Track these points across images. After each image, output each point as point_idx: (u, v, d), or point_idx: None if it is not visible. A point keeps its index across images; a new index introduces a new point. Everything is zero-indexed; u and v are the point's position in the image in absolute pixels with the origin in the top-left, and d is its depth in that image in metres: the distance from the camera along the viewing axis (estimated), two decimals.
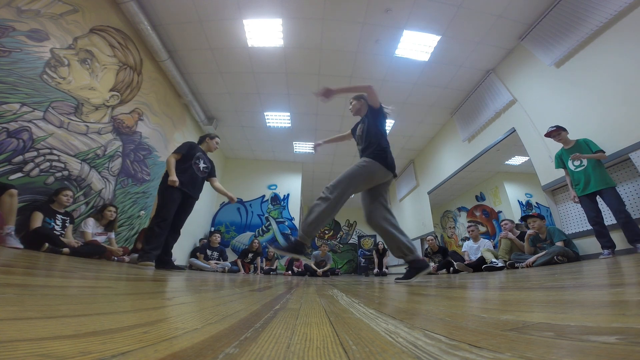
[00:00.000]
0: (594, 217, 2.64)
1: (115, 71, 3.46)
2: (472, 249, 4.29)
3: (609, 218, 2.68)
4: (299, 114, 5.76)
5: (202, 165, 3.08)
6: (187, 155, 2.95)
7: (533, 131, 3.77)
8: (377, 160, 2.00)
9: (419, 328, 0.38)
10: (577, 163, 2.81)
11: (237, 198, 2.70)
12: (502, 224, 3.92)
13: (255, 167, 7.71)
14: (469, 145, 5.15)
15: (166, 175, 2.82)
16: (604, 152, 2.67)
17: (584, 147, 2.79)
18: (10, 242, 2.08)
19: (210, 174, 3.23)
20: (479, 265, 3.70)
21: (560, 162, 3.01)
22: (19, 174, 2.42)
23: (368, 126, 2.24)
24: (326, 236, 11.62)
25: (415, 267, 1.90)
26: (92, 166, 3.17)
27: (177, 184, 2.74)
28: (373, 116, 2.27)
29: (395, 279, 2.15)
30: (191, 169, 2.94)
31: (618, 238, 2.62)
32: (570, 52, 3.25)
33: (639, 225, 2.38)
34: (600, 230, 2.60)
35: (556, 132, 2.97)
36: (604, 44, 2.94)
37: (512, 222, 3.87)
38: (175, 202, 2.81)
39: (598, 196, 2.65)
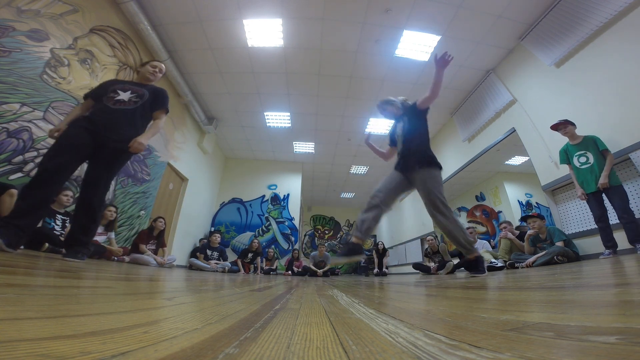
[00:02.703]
0: (599, 215, 2.59)
1: (116, 71, 3.46)
2: None
3: (613, 217, 2.66)
4: (299, 114, 5.76)
5: (122, 96, 2.03)
6: (97, 95, 2.04)
7: (533, 131, 3.77)
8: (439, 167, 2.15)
9: (419, 328, 0.38)
10: (582, 160, 2.73)
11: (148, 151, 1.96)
12: (500, 226, 3.92)
13: (255, 167, 7.71)
14: (469, 145, 5.15)
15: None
16: (609, 151, 2.60)
17: (591, 144, 2.71)
18: None
19: (152, 106, 2.13)
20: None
21: (565, 157, 2.91)
22: (19, 174, 2.42)
23: (411, 126, 2.32)
24: (326, 236, 11.62)
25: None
26: None
27: (54, 132, 1.83)
28: (417, 115, 2.37)
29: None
30: (102, 104, 1.98)
31: (619, 238, 2.61)
32: (570, 52, 3.25)
33: None
34: (604, 229, 2.56)
35: (563, 125, 2.87)
36: (604, 44, 2.94)
37: (510, 224, 3.88)
38: (71, 145, 1.78)
39: (604, 194, 2.59)
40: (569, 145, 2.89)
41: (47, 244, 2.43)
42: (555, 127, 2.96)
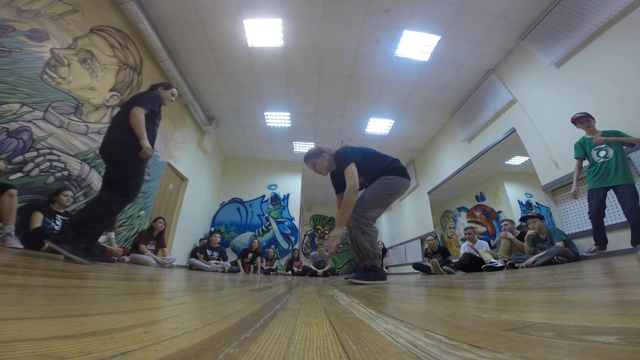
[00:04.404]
0: (596, 211, 2.55)
1: (115, 71, 3.46)
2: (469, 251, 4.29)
3: (611, 217, 2.65)
4: (299, 114, 5.76)
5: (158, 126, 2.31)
6: (154, 113, 2.16)
7: (533, 131, 3.77)
8: (398, 174, 2.01)
9: (419, 328, 0.38)
10: (602, 154, 2.63)
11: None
12: (501, 224, 3.92)
13: (255, 167, 7.71)
14: (469, 145, 5.15)
15: (127, 135, 1.97)
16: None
17: (611, 136, 2.62)
18: (10, 242, 2.08)
19: None
20: (475, 266, 3.71)
21: (582, 150, 2.80)
22: (19, 174, 2.42)
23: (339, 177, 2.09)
24: (326, 236, 11.62)
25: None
26: (92, 166, 3.17)
27: (151, 153, 2.02)
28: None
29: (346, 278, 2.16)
30: (153, 133, 2.16)
31: (620, 237, 2.61)
32: (570, 52, 3.25)
33: None
34: (596, 225, 2.55)
35: (585, 118, 2.77)
36: (604, 44, 2.94)
37: (511, 222, 3.87)
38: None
39: (611, 191, 2.54)
40: (586, 138, 2.79)
41: (47, 244, 2.42)
42: (575, 120, 2.84)
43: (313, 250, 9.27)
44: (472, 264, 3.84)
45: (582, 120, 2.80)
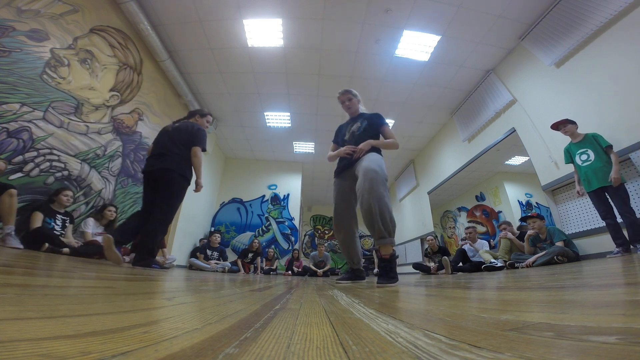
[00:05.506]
0: (604, 211, 2.56)
1: (115, 71, 3.46)
2: (469, 251, 4.29)
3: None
4: (299, 114, 5.76)
5: None
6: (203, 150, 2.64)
7: (533, 131, 3.77)
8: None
9: (419, 328, 0.38)
10: (584, 158, 2.70)
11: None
12: (500, 227, 3.93)
13: (255, 167, 7.71)
14: (469, 145, 5.16)
15: (188, 169, 2.48)
16: (612, 148, 2.57)
17: (592, 141, 2.68)
18: (10, 242, 2.08)
19: None
20: (477, 267, 3.71)
21: (569, 156, 2.89)
22: (19, 174, 2.42)
23: (370, 126, 2.22)
24: (326, 236, 11.62)
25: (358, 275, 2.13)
26: (92, 166, 3.17)
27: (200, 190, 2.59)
28: (376, 127, 2.22)
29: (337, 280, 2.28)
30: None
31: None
32: (570, 52, 3.26)
33: None
34: (612, 225, 2.52)
35: (562, 124, 2.86)
36: (604, 44, 2.94)
37: (509, 224, 3.88)
38: None
39: (606, 192, 2.57)
40: (571, 144, 2.88)
41: (47, 244, 2.42)
42: (555, 127, 2.96)
43: (313, 250, 9.27)
44: (464, 261, 3.84)
45: (560, 126, 2.88)
